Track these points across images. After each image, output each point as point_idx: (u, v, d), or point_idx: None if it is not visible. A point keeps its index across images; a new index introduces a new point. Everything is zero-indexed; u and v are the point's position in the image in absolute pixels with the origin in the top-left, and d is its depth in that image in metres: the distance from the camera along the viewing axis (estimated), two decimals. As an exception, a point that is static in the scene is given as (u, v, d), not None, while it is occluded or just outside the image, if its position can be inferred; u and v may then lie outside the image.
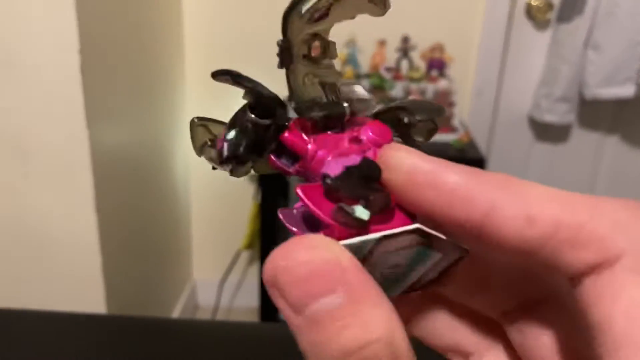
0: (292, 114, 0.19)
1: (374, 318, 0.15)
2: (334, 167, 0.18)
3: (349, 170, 0.18)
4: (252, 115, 0.19)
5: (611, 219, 0.15)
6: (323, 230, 0.17)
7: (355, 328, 0.15)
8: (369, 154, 0.19)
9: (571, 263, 0.15)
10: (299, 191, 0.17)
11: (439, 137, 1.16)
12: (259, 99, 0.20)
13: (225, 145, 0.19)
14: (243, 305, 1.92)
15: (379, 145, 0.19)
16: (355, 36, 1.38)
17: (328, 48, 0.20)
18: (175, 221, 1.70)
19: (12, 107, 1.03)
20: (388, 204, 0.18)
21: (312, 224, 0.18)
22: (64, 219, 1.10)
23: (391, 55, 1.43)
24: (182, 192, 1.74)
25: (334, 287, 0.15)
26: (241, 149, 0.19)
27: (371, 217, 0.17)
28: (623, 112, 1.72)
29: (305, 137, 0.19)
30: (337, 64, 1.17)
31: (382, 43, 1.41)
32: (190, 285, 1.88)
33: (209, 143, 0.23)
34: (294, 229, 0.18)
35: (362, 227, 0.17)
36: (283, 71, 0.19)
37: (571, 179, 1.82)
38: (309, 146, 0.19)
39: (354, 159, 0.18)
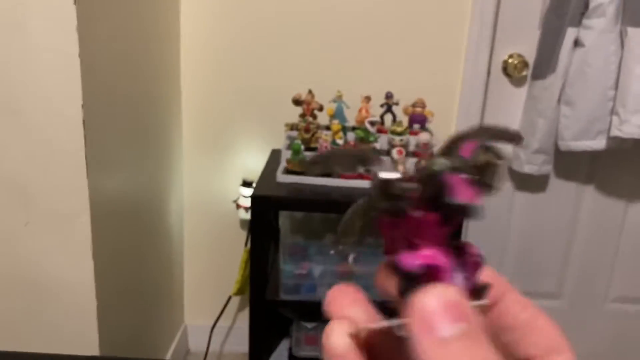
0: None
1: (487, 349, 0.20)
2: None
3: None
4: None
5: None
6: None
7: (475, 352, 0.20)
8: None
9: (534, 340, 0.25)
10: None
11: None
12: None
13: None
14: (233, 350, 1.94)
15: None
16: (342, 92, 1.47)
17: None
18: (168, 267, 1.74)
19: (16, 156, 1.08)
20: None
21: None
22: (62, 264, 1.14)
23: (376, 110, 1.51)
24: (176, 239, 1.79)
25: (463, 319, 0.20)
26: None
27: None
28: (599, 163, 1.80)
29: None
30: (325, 118, 1.24)
31: (367, 98, 1.49)
32: (182, 329, 1.91)
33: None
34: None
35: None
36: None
37: (552, 226, 1.88)
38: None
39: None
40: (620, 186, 1.84)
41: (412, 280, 0.22)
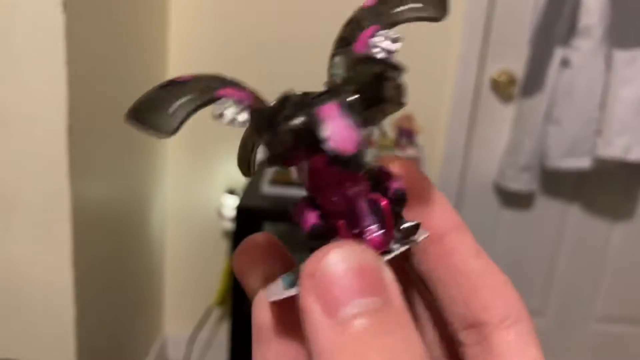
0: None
1: (409, 339, 0.14)
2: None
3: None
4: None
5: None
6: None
7: (390, 343, 0.13)
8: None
9: (485, 302, 0.19)
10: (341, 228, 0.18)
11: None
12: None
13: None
14: (213, 361, 1.92)
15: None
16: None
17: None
18: (148, 276, 1.72)
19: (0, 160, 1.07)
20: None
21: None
22: (42, 270, 1.13)
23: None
24: (157, 247, 1.77)
25: (376, 291, 0.14)
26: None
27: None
28: (584, 182, 1.81)
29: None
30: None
31: (355, 111, 1.49)
32: (161, 339, 1.89)
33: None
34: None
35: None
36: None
37: (537, 243, 1.89)
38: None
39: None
40: (605, 206, 1.85)
41: (315, 240, 0.18)
